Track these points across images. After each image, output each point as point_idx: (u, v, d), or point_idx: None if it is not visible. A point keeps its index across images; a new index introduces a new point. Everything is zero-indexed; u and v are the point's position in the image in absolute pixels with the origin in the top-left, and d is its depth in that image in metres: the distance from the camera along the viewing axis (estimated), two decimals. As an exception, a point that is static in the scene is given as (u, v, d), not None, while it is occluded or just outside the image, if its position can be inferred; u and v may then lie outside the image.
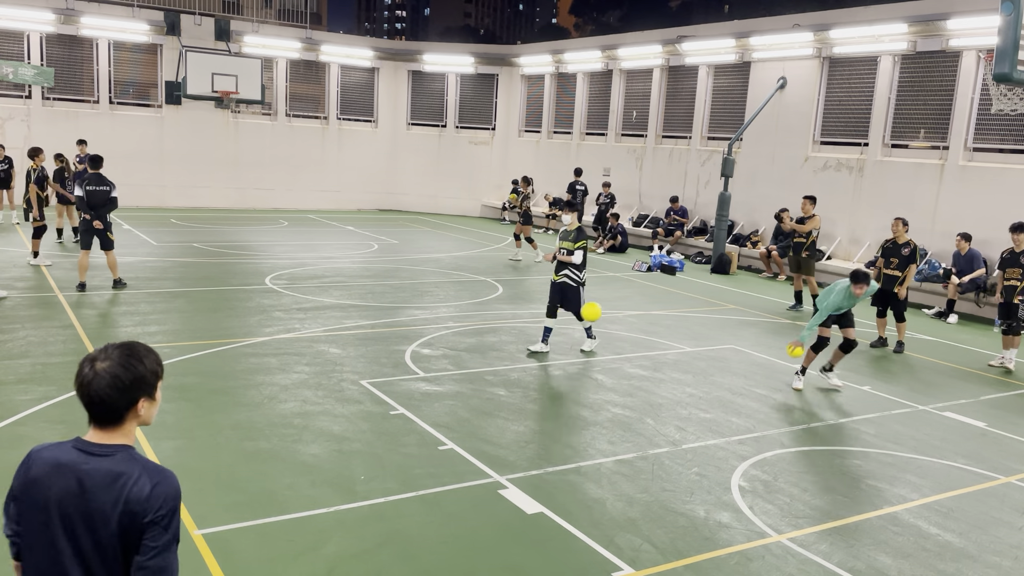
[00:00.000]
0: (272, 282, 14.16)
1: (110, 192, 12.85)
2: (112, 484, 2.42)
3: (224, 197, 26.16)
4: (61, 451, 2.51)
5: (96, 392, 2.45)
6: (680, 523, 5.95)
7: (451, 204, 28.99)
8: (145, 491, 2.42)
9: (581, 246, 10.27)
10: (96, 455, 2.47)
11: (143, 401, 2.52)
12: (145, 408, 2.54)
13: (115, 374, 2.46)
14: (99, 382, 2.45)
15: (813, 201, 14.49)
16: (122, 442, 2.52)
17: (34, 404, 7.62)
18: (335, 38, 29.17)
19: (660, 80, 23.42)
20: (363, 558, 5.24)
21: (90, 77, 24.34)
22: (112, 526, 2.41)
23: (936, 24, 16.53)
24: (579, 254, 10.25)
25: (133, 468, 2.45)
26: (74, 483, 2.44)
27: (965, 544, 5.91)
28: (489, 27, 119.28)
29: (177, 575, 2.51)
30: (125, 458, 2.47)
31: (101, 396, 2.45)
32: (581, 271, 10.35)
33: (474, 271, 16.73)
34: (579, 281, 10.34)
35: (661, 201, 22.87)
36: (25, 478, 2.53)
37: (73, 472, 2.45)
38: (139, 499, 2.41)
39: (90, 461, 2.46)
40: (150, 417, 2.58)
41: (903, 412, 8.99)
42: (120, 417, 2.50)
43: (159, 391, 2.59)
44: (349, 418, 7.73)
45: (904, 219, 12.15)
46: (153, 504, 2.42)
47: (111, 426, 2.51)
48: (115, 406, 2.47)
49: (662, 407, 8.61)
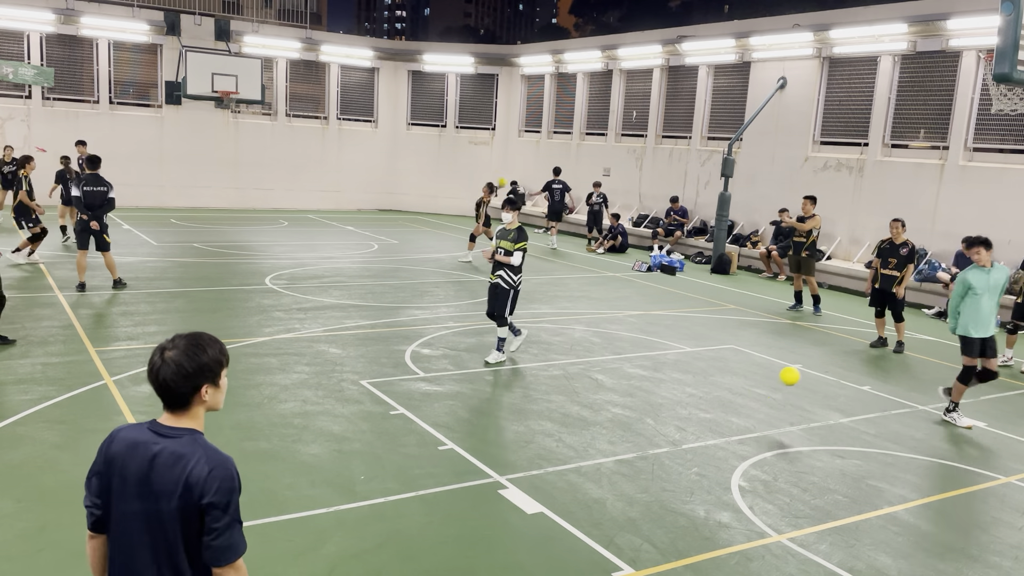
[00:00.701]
0: (272, 282, 14.16)
1: (107, 193, 12.85)
2: (175, 464, 2.62)
3: (224, 197, 26.16)
4: (138, 431, 2.72)
5: (163, 379, 2.65)
6: (680, 523, 5.95)
7: (451, 204, 28.99)
8: (203, 474, 2.61)
9: (521, 247, 9.66)
10: (165, 436, 2.68)
11: (207, 387, 2.71)
12: (209, 394, 2.72)
13: (179, 362, 2.65)
14: (165, 369, 2.65)
15: (813, 201, 14.49)
16: (190, 426, 2.72)
17: (34, 404, 7.62)
18: (335, 38, 29.17)
19: (660, 80, 23.43)
20: (363, 558, 5.24)
21: (90, 77, 24.34)
22: (174, 503, 2.61)
23: (936, 24, 16.53)
24: (518, 255, 9.64)
25: (195, 451, 2.65)
26: (146, 461, 2.65)
27: (965, 544, 5.91)
28: (489, 27, 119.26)
29: (243, 551, 2.69)
30: (189, 441, 2.67)
31: (167, 382, 2.65)
32: (516, 274, 9.74)
33: (474, 271, 16.73)
34: (512, 284, 9.74)
35: (661, 201, 22.87)
36: (106, 455, 2.74)
37: (145, 451, 2.66)
38: (197, 481, 2.60)
39: (160, 442, 2.67)
40: (216, 403, 2.77)
41: (903, 412, 8.99)
42: (187, 402, 2.70)
43: (224, 379, 2.77)
44: (349, 418, 7.73)
45: (902, 220, 12.14)
46: (209, 487, 2.60)
47: (179, 410, 2.71)
48: (180, 392, 2.67)
49: (662, 407, 8.61)
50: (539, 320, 12.44)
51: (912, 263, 11.84)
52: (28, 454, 6.54)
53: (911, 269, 11.85)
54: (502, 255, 9.69)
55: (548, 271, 17.46)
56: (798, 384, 9.68)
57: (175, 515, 2.62)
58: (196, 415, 2.74)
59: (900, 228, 11.99)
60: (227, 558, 2.66)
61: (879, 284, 11.95)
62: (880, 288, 11.93)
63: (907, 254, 11.81)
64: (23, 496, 5.82)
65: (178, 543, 2.65)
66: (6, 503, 5.70)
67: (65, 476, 6.18)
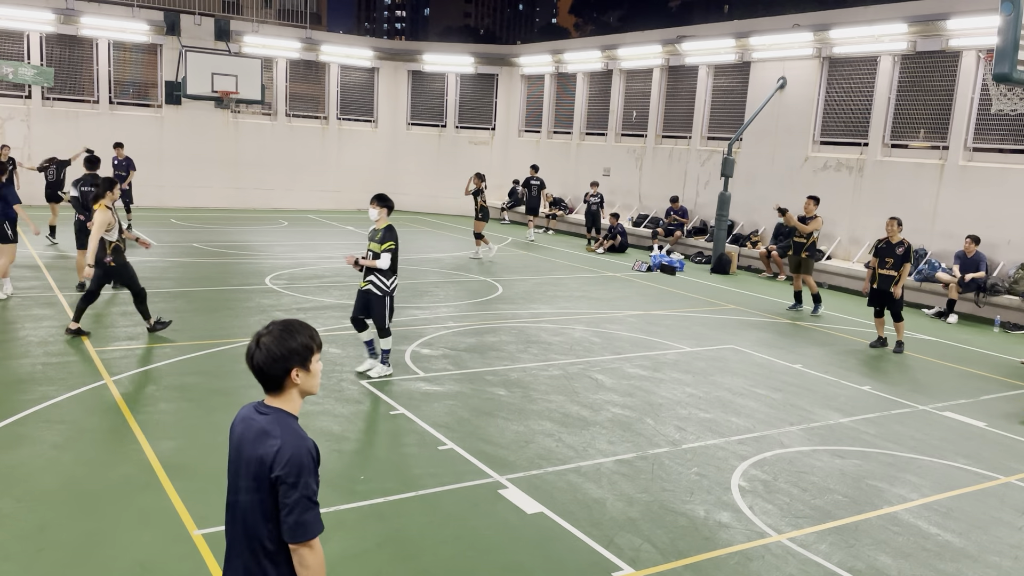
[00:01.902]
0: (272, 282, 14.17)
1: None
2: (259, 439, 2.85)
3: (224, 197, 26.15)
4: (248, 409, 2.99)
5: (257, 363, 2.88)
6: (680, 523, 5.95)
7: (451, 204, 28.97)
8: (275, 448, 2.79)
9: (388, 248, 8.81)
10: (261, 413, 2.92)
11: (297, 370, 2.89)
12: (301, 377, 2.91)
13: (270, 347, 2.86)
14: (259, 354, 2.87)
15: (816, 201, 14.46)
16: (282, 407, 2.92)
17: (34, 404, 7.62)
18: (335, 38, 29.17)
19: (660, 80, 23.42)
20: (363, 558, 5.24)
21: (90, 77, 24.33)
22: (253, 472, 2.83)
23: (936, 24, 16.53)
24: (386, 257, 8.78)
25: (276, 429, 2.85)
26: (247, 434, 2.91)
27: (965, 544, 5.91)
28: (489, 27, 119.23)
29: (317, 532, 2.81)
30: (276, 420, 2.88)
31: (260, 366, 2.87)
32: (389, 278, 8.91)
33: (474, 271, 16.74)
34: (386, 290, 8.90)
35: (661, 201, 22.87)
36: (231, 431, 3.03)
37: (247, 425, 2.93)
38: (270, 455, 2.79)
39: (257, 418, 2.92)
40: (310, 386, 2.95)
41: (903, 412, 9.00)
42: (280, 384, 2.90)
43: (315, 363, 2.94)
44: (349, 418, 7.73)
45: (898, 219, 12.11)
46: (279, 461, 2.77)
47: (274, 392, 2.92)
48: (272, 374, 2.88)
49: (662, 407, 8.61)
50: (539, 320, 12.45)
51: (909, 262, 11.80)
52: (28, 454, 6.54)
53: (907, 268, 11.82)
54: (370, 258, 8.89)
55: (548, 271, 17.46)
56: (798, 385, 9.69)
57: (254, 485, 2.82)
58: (291, 397, 2.92)
59: (895, 227, 11.95)
60: (299, 535, 2.78)
61: (877, 284, 11.93)
62: (878, 288, 11.91)
63: (903, 253, 11.78)
64: (23, 496, 5.82)
65: (259, 517, 2.83)
66: (6, 503, 5.70)
67: (65, 476, 6.19)
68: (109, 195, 10.03)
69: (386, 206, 8.94)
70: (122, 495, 5.93)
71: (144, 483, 6.13)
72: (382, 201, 8.94)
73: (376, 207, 8.91)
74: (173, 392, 8.31)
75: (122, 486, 6.08)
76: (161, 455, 6.62)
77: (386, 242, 8.84)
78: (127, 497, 5.91)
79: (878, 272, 11.92)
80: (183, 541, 5.31)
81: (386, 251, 8.81)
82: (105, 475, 6.24)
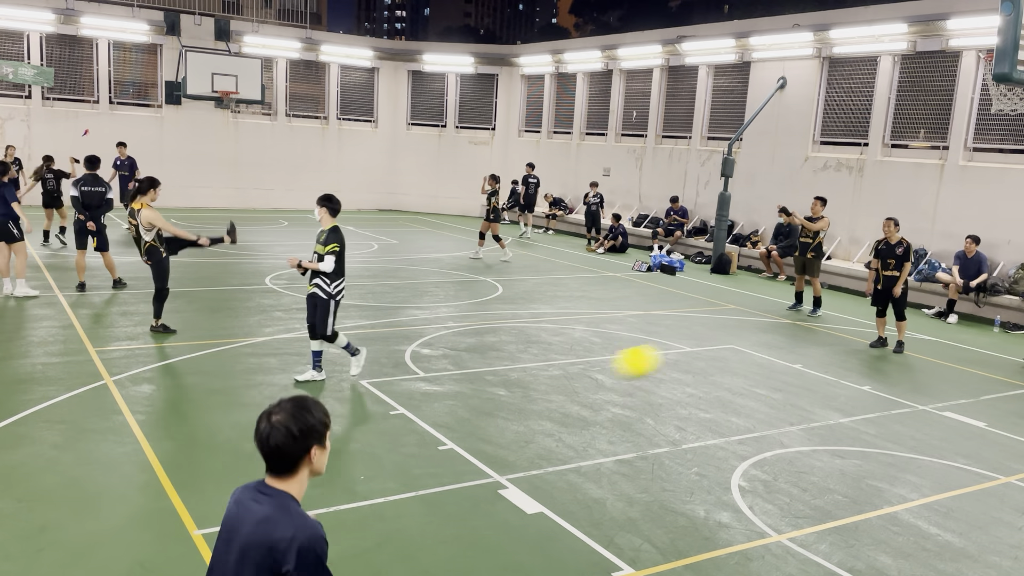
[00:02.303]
0: (272, 282, 14.17)
1: (106, 193, 12.85)
2: (263, 526, 2.61)
3: (224, 197, 26.15)
4: (245, 491, 2.75)
5: (275, 443, 2.65)
6: (680, 523, 5.95)
7: (451, 204, 28.99)
8: (287, 540, 2.55)
9: (332, 250, 8.40)
10: (264, 494, 2.68)
11: (315, 449, 2.69)
12: (317, 456, 2.71)
13: (288, 425, 2.65)
14: (276, 434, 2.64)
15: (823, 202, 14.36)
16: (287, 490, 2.69)
17: (34, 404, 7.62)
18: (335, 38, 29.17)
19: (660, 80, 23.43)
20: (363, 558, 5.24)
21: (90, 77, 24.34)
22: (256, 562, 2.59)
23: (936, 24, 16.53)
24: (329, 259, 8.39)
25: (284, 516, 2.61)
26: (246, 518, 2.66)
27: (965, 544, 5.91)
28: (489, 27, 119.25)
29: None
30: (281, 505, 2.64)
31: (279, 446, 2.64)
32: (334, 281, 8.52)
33: (474, 271, 16.74)
34: (331, 293, 8.52)
35: (661, 201, 22.87)
36: (226, 513, 2.79)
37: (244, 508, 2.69)
38: (280, 547, 2.55)
39: (259, 501, 2.67)
40: (321, 465, 2.75)
41: (903, 412, 8.99)
42: (294, 465, 2.68)
43: (328, 440, 2.76)
44: (349, 418, 7.73)
45: (895, 219, 12.09)
46: (291, 555, 2.54)
47: (286, 474, 2.69)
48: (291, 454, 2.66)
49: (662, 407, 8.61)
50: (539, 320, 12.45)
51: (909, 261, 11.80)
52: (28, 454, 6.54)
53: (907, 267, 11.81)
54: (315, 261, 8.52)
55: (548, 271, 17.46)
56: (798, 385, 9.69)
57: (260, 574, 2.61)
58: (301, 479, 2.72)
59: (892, 227, 11.93)
60: None
61: (881, 285, 11.92)
62: (882, 289, 11.91)
63: (903, 253, 11.78)
64: (23, 496, 5.82)
65: None
66: (6, 503, 5.70)
67: (65, 476, 6.19)
68: (152, 193, 10.29)
69: (327, 206, 8.50)
70: (122, 495, 5.93)
71: (144, 483, 6.14)
72: (324, 201, 8.54)
73: (318, 207, 8.54)
74: (173, 392, 8.31)
75: (122, 486, 6.08)
76: (161, 455, 6.62)
77: (330, 244, 8.43)
78: (127, 497, 5.91)
79: (882, 273, 11.91)
80: (183, 541, 5.31)
81: (329, 253, 8.41)
82: (105, 475, 6.24)
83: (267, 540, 2.56)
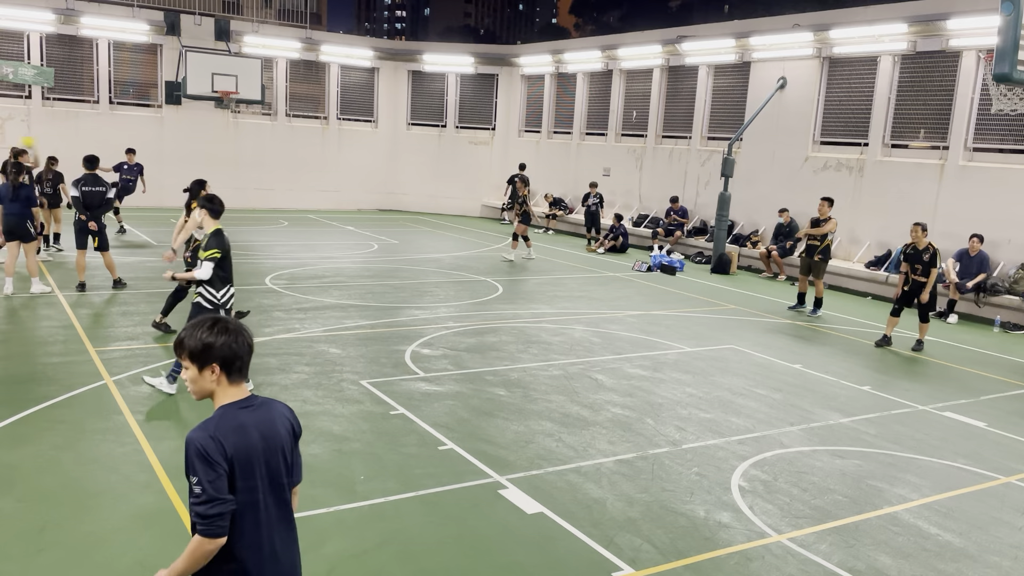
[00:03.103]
0: (272, 282, 14.17)
1: (106, 193, 12.85)
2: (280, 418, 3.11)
3: (224, 197, 25.54)
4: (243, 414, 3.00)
5: (251, 345, 3.07)
6: (680, 523, 5.95)
7: (451, 204, 28.99)
8: (290, 413, 3.16)
9: (211, 256, 7.70)
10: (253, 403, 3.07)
11: None
12: None
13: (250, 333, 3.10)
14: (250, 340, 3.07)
15: (830, 203, 14.30)
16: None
17: (34, 404, 7.62)
18: (335, 38, 29.17)
19: (660, 80, 23.42)
20: (363, 558, 5.24)
21: (90, 77, 24.33)
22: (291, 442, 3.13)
23: (936, 24, 16.53)
24: (206, 266, 7.68)
25: (275, 403, 3.13)
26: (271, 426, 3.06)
27: (965, 544, 5.91)
28: (489, 27, 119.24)
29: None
30: (265, 400, 3.12)
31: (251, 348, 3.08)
32: (219, 289, 7.84)
33: (474, 271, 16.74)
34: (216, 302, 7.82)
35: (661, 201, 22.87)
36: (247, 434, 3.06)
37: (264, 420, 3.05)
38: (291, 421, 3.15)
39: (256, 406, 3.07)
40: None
41: (903, 412, 8.99)
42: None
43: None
44: (349, 418, 7.73)
45: (923, 224, 12.08)
46: (296, 423, 3.17)
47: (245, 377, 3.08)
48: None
49: (662, 407, 8.61)
50: (539, 320, 12.45)
51: (935, 267, 11.86)
52: (28, 454, 6.54)
53: (935, 273, 11.87)
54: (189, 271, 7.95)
55: (548, 271, 17.46)
56: (798, 385, 9.69)
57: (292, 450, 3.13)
58: None
59: (920, 232, 11.98)
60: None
61: (908, 287, 12.02)
62: (909, 291, 12.04)
63: (930, 259, 11.85)
64: (23, 496, 5.82)
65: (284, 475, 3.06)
66: (6, 503, 5.70)
67: (65, 476, 6.19)
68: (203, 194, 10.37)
69: (207, 207, 7.85)
70: (122, 495, 5.93)
71: (144, 483, 6.13)
72: (203, 202, 7.94)
73: (198, 209, 7.95)
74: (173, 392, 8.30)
75: (122, 486, 6.08)
76: (161, 455, 6.62)
77: (210, 249, 7.76)
78: (127, 497, 5.90)
79: (911, 277, 11.99)
80: (183, 541, 5.28)
81: (208, 259, 7.71)
82: (105, 475, 6.24)
83: (287, 423, 3.06)
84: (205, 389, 2.94)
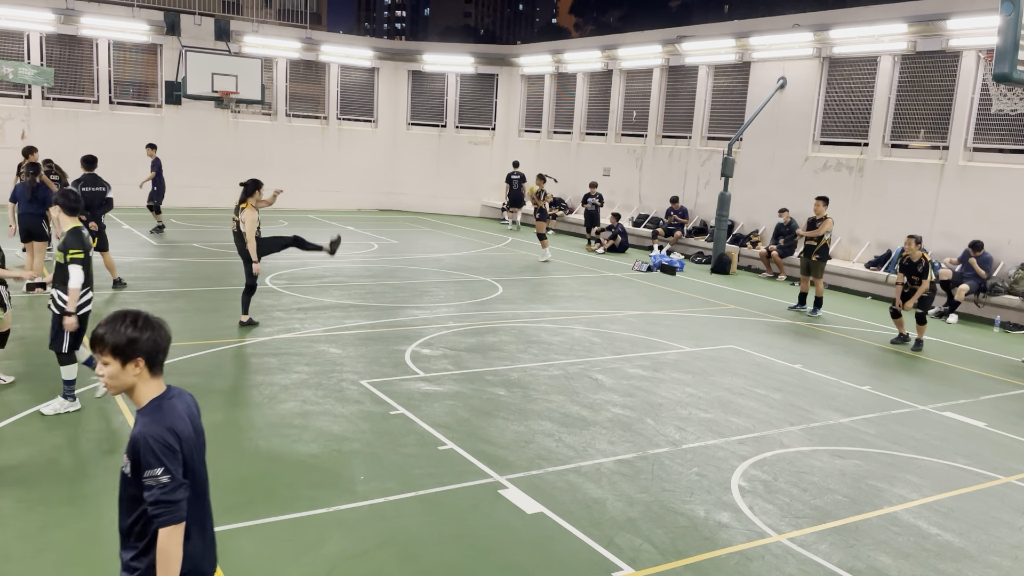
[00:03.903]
0: (272, 282, 14.17)
1: (106, 193, 12.86)
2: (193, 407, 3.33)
3: (224, 197, 26.07)
4: (177, 401, 3.18)
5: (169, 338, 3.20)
6: (680, 523, 5.95)
7: (451, 204, 28.99)
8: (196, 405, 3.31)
9: (74, 257, 6.88)
10: (177, 392, 3.26)
11: None
12: None
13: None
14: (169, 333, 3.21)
15: (826, 202, 14.28)
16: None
17: (34, 404, 7.62)
18: (335, 38, 29.17)
19: (660, 80, 23.42)
20: (363, 558, 5.24)
21: (90, 77, 24.33)
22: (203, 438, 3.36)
23: (936, 24, 16.53)
24: (76, 271, 6.91)
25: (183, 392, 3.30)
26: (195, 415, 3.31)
27: (965, 544, 5.91)
28: (489, 27, 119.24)
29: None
30: (180, 390, 3.28)
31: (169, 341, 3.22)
32: (81, 294, 7.04)
33: (474, 271, 16.74)
34: (66, 308, 7.00)
35: (661, 201, 22.87)
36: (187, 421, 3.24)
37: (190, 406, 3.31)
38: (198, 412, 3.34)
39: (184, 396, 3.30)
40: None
41: (903, 412, 9.00)
42: None
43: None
44: (349, 418, 7.73)
45: (917, 237, 12.12)
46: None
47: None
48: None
49: (662, 407, 8.61)
50: (539, 320, 12.45)
51: (927, 278, 11.93)
52: (28, 454, 6.54)
53: (926, 285, 11.94)
54: (51, 276, 7.15)
55: (548, 271, 17.46)
56: (798, 384, 9.70)
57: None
58: None
59: (913, 245, 12.01)
60: None
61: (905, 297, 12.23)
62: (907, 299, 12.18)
63: (922, 271, 11.94)
64: (23, 496, 5.82)
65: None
66: (6, 503, 5.70)
67: (65, 476, 6.19)
68: (257, 194, 10.53)
69: (61, 202, 7.03)
70: (122, 495, 5.93)
71: (144, 483, 6.13)
72: (57, 197, 7.12)
73: (55, 206, 7.14)
74: (173, 392, 8.30)
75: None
76: (161, 455, 6.61)
77: (71, 250, 6.87)
78: (127, 497, 5.90)
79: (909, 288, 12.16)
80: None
81: (73, 262, 6.85)
82: (105, 475, 6.23)
83: (197, 410, 3.27)
84: (126, 384, 3.03)
